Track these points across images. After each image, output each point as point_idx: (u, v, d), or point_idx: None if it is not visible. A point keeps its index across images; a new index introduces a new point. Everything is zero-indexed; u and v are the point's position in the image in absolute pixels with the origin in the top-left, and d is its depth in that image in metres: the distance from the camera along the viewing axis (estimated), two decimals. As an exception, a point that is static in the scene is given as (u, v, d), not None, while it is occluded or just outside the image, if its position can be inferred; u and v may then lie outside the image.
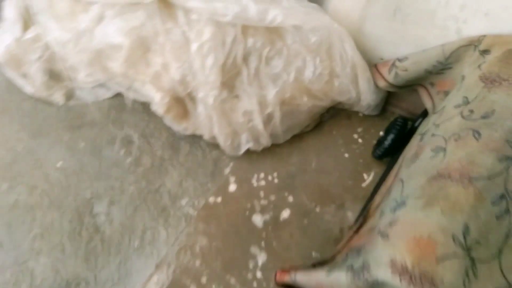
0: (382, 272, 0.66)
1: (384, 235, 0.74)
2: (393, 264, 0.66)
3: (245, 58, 1.20)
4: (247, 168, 1.37)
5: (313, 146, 1.42)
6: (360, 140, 1.46)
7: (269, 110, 1.25)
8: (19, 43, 1.38)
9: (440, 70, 1.16)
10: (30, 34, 1.37)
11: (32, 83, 1.40)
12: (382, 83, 1.27)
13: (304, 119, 1.33)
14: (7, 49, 1.38)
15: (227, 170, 1.36)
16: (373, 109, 1.37)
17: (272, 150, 1.40)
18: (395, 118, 1.39)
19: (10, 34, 1.40)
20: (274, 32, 1.19)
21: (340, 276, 0.76)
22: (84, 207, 1.24)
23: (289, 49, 1.20)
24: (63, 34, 1.29)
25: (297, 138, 1.42)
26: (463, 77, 1.07)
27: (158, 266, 1.17)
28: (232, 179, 1.34)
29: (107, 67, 1.30)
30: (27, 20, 1.40)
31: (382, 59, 1.29)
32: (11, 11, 1.42)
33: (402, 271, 0.64)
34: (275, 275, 1.02)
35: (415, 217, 0.73)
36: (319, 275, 0.83)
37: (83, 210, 1.23)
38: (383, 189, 1.13)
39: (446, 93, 1.18)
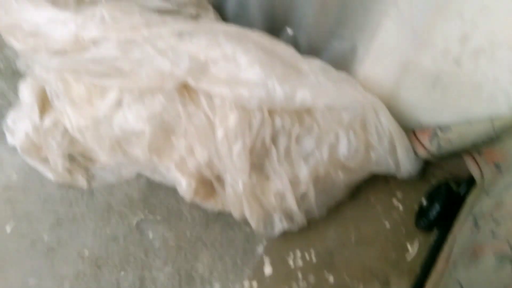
0: None
1: None
2: None
3: (274, 139, 1.13)
4: (282, 246, 1.29)
5: (350, 217, 1.33)
6: (400, 207, 1.36)
7: (302, 189, 1.17)
8: (38, 129, 1.34)
9: (489, 141, 1.06)
10: (48, 120, 1.33)
11: (53, 169, 1.36)
12: (423, 152, 1.18)
13: (340, 193, 1.24)
14: (26, 137, 1.34)
15: (260, 249, 1.28)
16: (414, 175, 1.28)
17: (306, 225, 1.32)
18: (439, 185, 1.29)
19: (28, 119, 1.36)
20: (303, 111, 1.10)
21: None
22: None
23: (320, 127, 1.12)
24: (81, 120, 1.23)
25: (333, 209, 1.33)
26: (517, 156, 0.97)
27: None
28: (266, 259, 1.27)
29: (130, 153, 1.24)
30: (44, 104, 1.36)
31: (421, 125, 1.19)
32: (27, 95, 1.38)
33: None
34: None
35: None
36: None
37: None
38: (433, 275, 1.04)
39: (497, 166, 1.07)
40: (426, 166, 1.35)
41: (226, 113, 1.08)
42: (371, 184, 1.37)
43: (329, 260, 1.27)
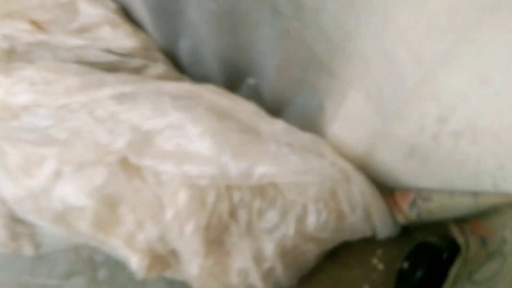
0: None
1: None
2: None
3: (233, 214, 1.00)
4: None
5: (326, 284, 1.21)
6: (380, 266, 1.24)
7: (267, 264, 1.05)
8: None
9: (473, 214, 0.94)
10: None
11: (-5, 238, 1.22)
12: (402, 219, 1.06)
13: (311, 262, 1.12)
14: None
15: None
16: (394, 241, 1.16)
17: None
18: (420, 245, 1.17)
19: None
20: (264, 185, 0.97)
21: None
22: None
23: (285, 198, 0.98)
24: (18, 191, 1.09)
25: (306, 276, 1.21)
26: (504, 241, 0.85)
27: None
28: None
29: (74, 226, 1.10)
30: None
31: (399, 185, 1.07)
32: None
33: None
34: None
35: None
36: None
37: None
38: None
39: (483, 240, 0.96)
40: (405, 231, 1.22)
41: (176, 190, 0.95)
42: (349, 244, 1.24)
43: None
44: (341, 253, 1.25)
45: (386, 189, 1.09)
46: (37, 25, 1.08)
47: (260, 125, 1.01)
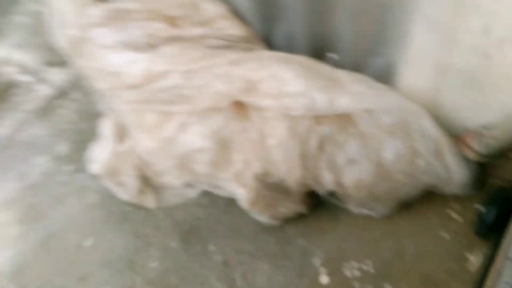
0: None
1: None
2: None
3: (321, 146, 1.21)
4: (338, 258, 1.31)
5: (407, 229, 1.34)
6: (458, 217, 1.34)
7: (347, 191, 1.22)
8: (116, 155, 1.54)
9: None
10: (124, 147, 1.53)
11: (127, 190, 1.53)
12: (471, 154, 1.19)
13: (386, 199, 1.27)
14: (105, 162, 1.54)
15: (316, 261, 1.32)
16: (469, 188, 1.26)
17: (362, 236, 1.34)
18: (494, 190, 1.27)
19: (107, 149, 1.57)
20: (345, 118, 1.19)
21: None
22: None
23: (363, 133, 1.18)
24: (152, 143, 1.41)
25: (387, 220, 1.34)
26: None
27: None
28: (323, 270, 1.29)
29: (193, 169, 1.38)
30: (121, 135, 1.57)
31: (465, 128, 1.21)
32: (107, 128, 1.61)
33: None
34: None
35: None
36: None
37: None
38: (492, 272, 1.02)
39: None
40: (478, 176, 1.32)
41: (275, 123, 1.20)
42: (426, 199, 1.35)
43: (386, 270, 1.27)
44: (417, 205, 1.37)
45: (452, 135, 1.23)
46: (171, 21, 1.47)
47: (339, 76, 1.25)
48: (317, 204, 1.40)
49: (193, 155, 1.36)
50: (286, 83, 1.19)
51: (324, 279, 1.27)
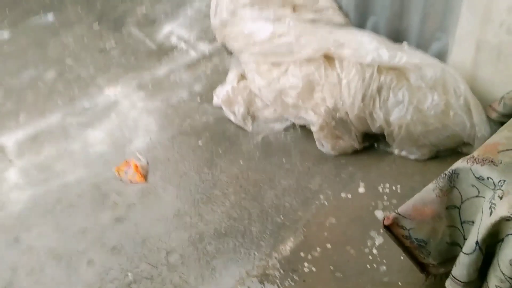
0: (457, 163, 0.99)
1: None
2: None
3: (379, 89, 1.69)
4: (375, 178, 1.73)
5: (433, 171, 1.71)
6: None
7: (391, 128, 1.67)
8: (233, 91, 2.19)
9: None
10: (241, 84, 2.18)
11: (235, 116, 2.15)
12: (493, 114, 1.56)
13: (422, 142, 1.68)
14: (226, 94, 2.20)
15: (358, 179, 1.75)
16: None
17: (398, 170, 1.75)
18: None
19: (230, 85, 2.24)
20: (401, 72, 1.67)
21: (427, 188, 1.08)
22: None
23: (411, 84, 1.65)
24: (262, 81, 2.03)
25: (420, 163, 1.74)
26: None
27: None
28: (361, 184, 1.72)
29: (284, 101, 1.95)
30: (240, 79, 2.23)
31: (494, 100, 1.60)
32: (232, 73, 2.29)
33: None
34: (383, 220, 1.30)
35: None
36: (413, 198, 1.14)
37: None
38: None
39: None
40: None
41: (349, 69, 1.73)
42: (453, 154, 1.73)
43: (411, 193, 1.65)
44: (445, 156, 1.74)
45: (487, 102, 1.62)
46: (295, 7, 2.13)
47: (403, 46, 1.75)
48: (369, 147, 1.85)
49: (287, 90, 1.93)
50: (363, 42, 1.73)
51: (361, 189, 1.71)
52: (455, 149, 1.72)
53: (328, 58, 1.84)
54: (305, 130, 1.98)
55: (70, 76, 2.86)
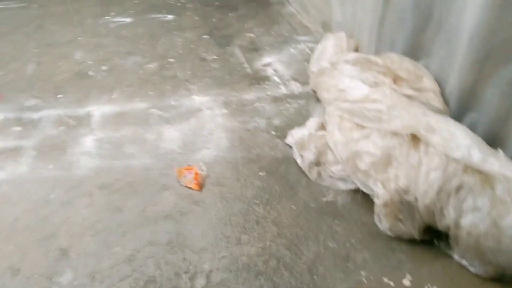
0: None
1: None
2: None
3: (458, 188, 1.60)
4: (424, 276, 1.61)
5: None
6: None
7: (460, 232, 1.56)
8: (310, 136, 2.20)
9: None
10: (318, 133, 2.19)
11: (303, 160, 2.15)
12: None
13: (488, 262, 1.55)
14: (301, 137, 2.22)
15: (406, 269, 1.64)
16: None
17: (451, 277, 1.62)
18: None
19: (305, 132, 2.26)
20: (487, 179, 1.57)
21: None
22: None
23: (496, 195, 1.54)
24: (340, 137, 2.02)
25: (479, 279, 1.60)
26: None
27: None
28: (408, 276, 1.62)
29: (356, 165, 1.92)
30: (319, 128, 2.24)
31: None
32: (313, 121, 2.31)
33: None
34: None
35: None
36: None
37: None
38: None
39: None
40: None
41: (434, 157, 1.67)
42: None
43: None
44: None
45: None
46: (396, 78, 2.12)
47: (497, 153, 1.66)
48: (428, 241, 1.74)
49: (363, 155, 1.90)
50: (456, 135, 1.67)
51: (406, 282, 1.60)
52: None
53: (415, 139, 1.79)
54: (367, 199, 1.92)
55: (168, 73, 3.07)
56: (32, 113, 2.69)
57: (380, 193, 1.79)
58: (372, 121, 1.96)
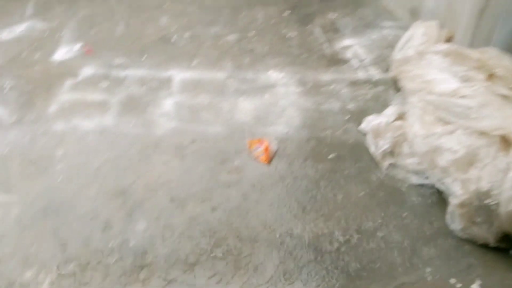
0: None
1: None
2: None
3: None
4: (495, 284, 1.54)
5: None
6: None
7: None
8: (385, 125, 2.14)
9: None
10: (395, 124, 2.12)
11: (376, 148, 2.10)
12: None
13: None
14: (378, 124, 2.16)
15: (477, 274, 1.57)
16: None
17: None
18: None
19: (382, 120, 2.19)
20: None
21: None
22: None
23: None
24: (420, 130, 1.94)
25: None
26: None
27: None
28: (478, 281, 1.55)
29: (434, 160, 1.84)
30: (398, 117, 2.17)
31: None
32: (391, 110, 2.23)
33: None
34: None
35: None
36: None
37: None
38: None
39: None
40: None
41: (525, 164, 1.55)
42: None
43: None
44: None
45: None
46: (491, 76, 1.98)
47: None
48: (503, 248, 1.65)
49: (443, 151, 1.81)
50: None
51: (475, 286, 1.53)
52: None
53: (505, 141, 1.67)
54: (441, 196, 1.85)
55: (247, 46, 3.11)
56: (119, 71, 2.86)
57: (458, 192, 1.71)
58: (458, 117, 1.86)
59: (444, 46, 2.26)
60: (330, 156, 2.13)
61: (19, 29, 3.46)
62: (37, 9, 3.78)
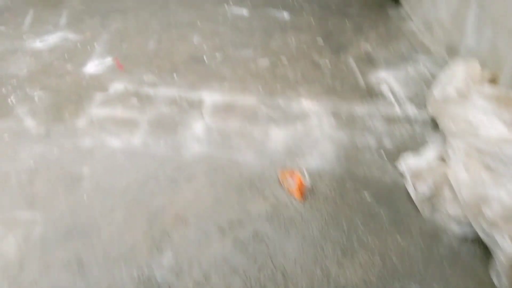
0: None
1: None
2: None
3: None
4: None
5: None
6: None
7: None
8: (427, 167, 2.04)
9: None
10: (437, 165, 2.02)
11: (415, 191, 2.01)
12: None
13: None
14: (419, 168, 2.06)
15: None
16: None
17: None
18: None
19: (422, 160, 2.10)
20: None
21: None
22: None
23: None
24: (466, 178, 1.84)
25: None
26: None
27: None
28: None
29: (482, 211, 1.73)
30: (440, 159, 2.07)
31: None
32: (431, 150, 2.14)
33: None
34: None
35: None
36: None
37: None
38: None
39: None
40: None
41: None
42: None
43: None
44: None
45: None
46: None
47: None
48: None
49: (491, 201, 1.71)
50: None
51: None
52: None
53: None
54: (486, 250, 1.74)
55: (279, 72, 3.06)
56: (149, 88, 2.83)
57: (507, 250, 1.60)
58: (508, 165, 1.76)
59: (490, 88, 2.17)
60: (367, 196, 2.03)
61: (52, 39, 3.46)
62: (71, 20, 3.80)
